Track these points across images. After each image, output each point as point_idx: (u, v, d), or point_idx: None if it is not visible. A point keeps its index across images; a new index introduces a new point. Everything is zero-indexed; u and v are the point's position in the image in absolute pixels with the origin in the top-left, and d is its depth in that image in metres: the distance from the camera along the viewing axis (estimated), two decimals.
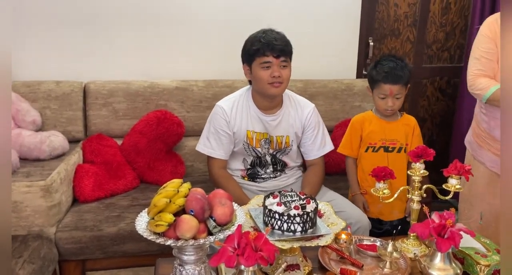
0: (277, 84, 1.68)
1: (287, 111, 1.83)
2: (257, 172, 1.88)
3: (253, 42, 1.67)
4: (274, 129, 1.81)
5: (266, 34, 1.68)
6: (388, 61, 1.77)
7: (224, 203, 1.24)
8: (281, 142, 1.84)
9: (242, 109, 1.79)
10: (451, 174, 1.42)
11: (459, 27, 2.85)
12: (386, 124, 1.86)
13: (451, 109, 2.99)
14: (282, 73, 1.67)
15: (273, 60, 1.65)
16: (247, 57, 1.71)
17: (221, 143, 1.78)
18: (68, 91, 2.25)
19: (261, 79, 1.67)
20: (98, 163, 2.16)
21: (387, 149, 1.85)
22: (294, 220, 1.25)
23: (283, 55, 1.66)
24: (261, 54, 1.65)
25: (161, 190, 1.26)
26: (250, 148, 1.82)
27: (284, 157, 1.88)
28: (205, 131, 1.84)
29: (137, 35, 2.43)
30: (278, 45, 1.65)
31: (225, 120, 1.77)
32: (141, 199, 2.05)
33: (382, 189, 1.44)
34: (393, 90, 1.75)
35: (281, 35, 1.70)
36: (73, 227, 1.80)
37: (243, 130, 1.78)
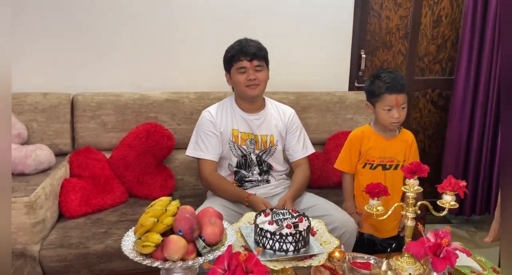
0: (253, 86, 1.80)
1: (270, 113, 1.93)
2: (244, 175, 1.91)
3: (229, 50, 1.83)
4: (258, 128, 1.89)
5: (240, 42, 1.82)
6: (386, 72, 1.75)
7: (213, 222, 1.20)
8: (266, 141, 1.90)
9: (227, 111, 1.90)
10: (446, 190, 1.39)
11: (451, 40, 2.86)
12: (385, 141, 1.82)
13: (443, 121, 2.98)
14: (258, 75, 1.79)
15: (247, 64, 1.78)
16: (226, 64, 1.86)
17: (210, 144, 1.85)
18: (55, 103, 2.20)
19: (239, 82, 1.80)
20: (85, 177, 2.11)
21: (385, 166, 1.83)
22: (286, 239, 1.22)
23: (256, 58, 1.79)
24: (237, 59, 1.78)
25: (148, 208, 1.22)
26: (235, 146, 1.88)
27: (269, 159, 1.93)
28: (193, 136, 1.91)
29: (127, 46, 2.39)
30: (250, 50, 1.78)
31: (211, 121, 1.86)
32: (129, 215, 2.00)
33: (376, 206, 1.41)
34: (399, 100, 1.72)
35: (255, 42, 1.83)
36: (58, 244, 1.74)
37: (229, 129, 1.87)
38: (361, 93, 2.58)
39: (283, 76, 2.40)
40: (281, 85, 2.43)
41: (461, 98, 2.72)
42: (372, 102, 1.80)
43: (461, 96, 2.72)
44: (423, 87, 2.91)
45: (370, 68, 2.83)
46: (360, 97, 2.51)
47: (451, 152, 2.81)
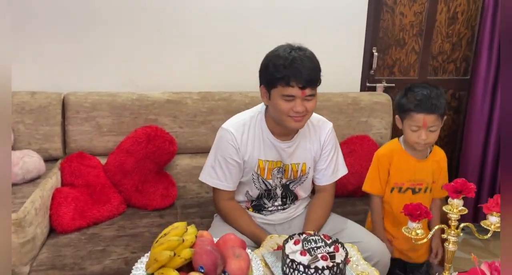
0: (299, 118, 1.43)
1: (304, 135, 1.59)
2: (263, 204, 1.65)
3: (277, 66, 1.38)
4: (290, 157, 1.58)
5: (293, 57, 1.38)
6: (421, 87, 1.56)
7: (239, 255, 1.03)
8: (297, 170, 1.61)
9: (254, 134, 1.54)
10: (492, 211, 1.24)
11: (466, 38, 2.71)
12: (416, 163, 1.65)
13: (456, 123, 2.85)
14: (307, 106, 1.42)
15: (298, 93, 1.38)
16: (264, 80, 1.45)
17: (229, 173, 1.54)
18: (44, 104, 1.99)
19: (281, 111, 1.42)
20: (79, 186, 1.91)
21: (415, 190, 1.67)
22: (323, 273, 1.05)
23: (310, 86, 1.39)
24: (285, 84, 1.37)
25: (161, 238, 1.04)
26: (260, 179, 1.58)
27: (297, 188, 1.66)
28: (211, 159, 1.58)
29: (124, 41, 2.18)
30: (305, 74, 1.37)
31: (234, 147, 1.52)
32: (128, 228, 1.82)
33: (415, 229, 1.25)
34: (427, 121, 1.52)
35: (310, 60, 1.41)
36: (49, 265, 1.55)
37: (254, 158, 1.54)
38: (375, 94, 2.43)
39: None
40: None
41: (480, 100, 2.58)
42: (401, 117, 1.62)
43: (480, 98, 2.58)
44: None
45: (382, 67, 2.67)
46: (375, 99, 2.35)
47: (468, 157, 2.68)
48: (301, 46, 1.45)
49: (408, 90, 1.60)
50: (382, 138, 2.35)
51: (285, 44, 1.45)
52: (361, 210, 2.06)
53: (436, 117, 1.54)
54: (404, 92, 1.61)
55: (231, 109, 2.15)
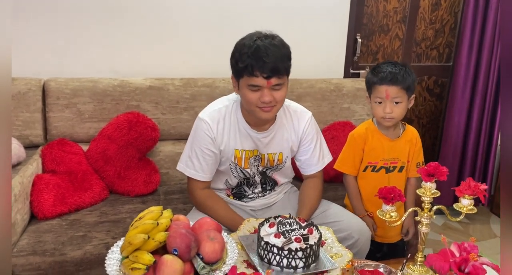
0: (267, 108, 1.40)
1: (282, 125, 1.58)
2: (243, 192, 1.66)
3: (241, 56, 1.35)
4: (266, 147, 1.57)
5: (257, 46, 1.33)
6: (388, 64, 1.59)
7: (213, 238, 1.04)
8: (273, 159, 1.61)
9: (230, 124, 1.52)
10: (464, 194, 1.27)
11: (449, 25, 2.73)
12: (389, 142, 1.68)
13: (439, 109, 2.88)
14: (275, 96, 1.38)
15: (263, 83, 1.35)
16: (234, 70, 1.41)
17: (205, 163, 1.53)
18: (24, 90, 1.97)
19: (249, 101, 1.39)
20: (60, 172, 1.90)
21: (389, 169, 1.69)
22: (296, 255, 1.07)
23: (275, 75, 1.34)
24: (249, 73, 1.34)
25: (136, 222, 1.05)
26: (237, 168, 1.58)
27: (275, 174, 1.67)
28: (187, 149, 1.57)
29: (106, 27, 2.15)
30: (270, 63, 1.31)
31: (210, 137, 1.51)
32: (110, 214, 1.82)
33: (389, 212, 1.27)
34: (389, 93, 1.55)
35: (276, 46, 1.35)
36: (30, 251, 1.55)
37: (231, 148, 1.54)
38: (358, 80, 2.44)
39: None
40: None
41: (461, 87, 2.61)
42: (368, 93, 1.66)
43: (461, 85, 2.61)
44: (419, 74, 2.78)
45: (366, 54, 2.67)
46: (357, 85, 2.36)
47: (449, 142, 2.72)
48: (270, 33, 1.40)
49: (375, 67, 1.63)
50: None
51: (254, 31, 1.42)
52: (343, 195, 2.07)
53: (399, 89, 1.56)
54: (372, 69, 1.64)
55: (214, 95, 2.14)
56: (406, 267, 1.37)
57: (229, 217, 1.49)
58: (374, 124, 1.72)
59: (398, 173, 1.71)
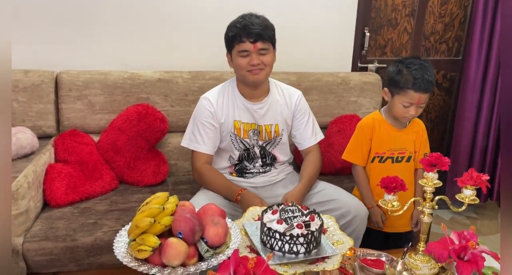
0: (256, 70, 1.59)
1: (275, 99, 1.74)
2: (245, 167, 1.77)
3: (230, 28, 1.60)
4: (262, 118, 1.71)
5: (243, 19, 1.58)
6: (417, 64, 1.57)
7: (217, 222, 1.08)
8: (270, 131, 1.74)
9: (228, 99, 1.70)
10: (466, 185, 1.29)
11: (458, 18, 2.72)
12: (396, 132, 1.70)
13: (447, 104, 2.87)
14: (262, 59, 1.58)
15: (250, 47, 1.56)
16: (227, 44, 1.64)
17: (207, 137, 1.68)
18: (37, 82, 2.02)
19: (240, 67, 1.60)
20: (72, 162, 1.95)
21: (396, 159, 1.71)
22: (297, 241, 1.10)
23: (260, 39, 1.56)
24: (238, 40, 1.56)
25: (143, 206, 1.09)
26: (237, 139, 1.71)
27: (274, 150, 1.78)
28: (190, 126, 1.73)
29: (116, 21, 2.20)
30: (255, 29, 1.54)
31: (210, 111, 1.67)
32: (120, 203, 1.87)
33: (391, 201, 1.30)
34: (421, 99, 1.57)
35: (260, 19, 1.59)
36: (43, 237, 1.60)
37: (230, 120, 1.69)
38: (365, 74, 2.45)
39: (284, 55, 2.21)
40: (281, 65, 2.25)
41: (472, 81, 2.60)
42: (392, 91, 1.64)
43: (472, 79, 2.60)
44: None
45: (374, 48, 2.68)
46: (365, 79, 2.37)
47: (460, 138, 2.71)
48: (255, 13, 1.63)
49: (401, 65, 1.60)
50: None
51: None
52: (348, 187, 2.07)
53: (428, 94, 1.60)
54: (400, 68, 1.60)
55: None
56: (408, 256, 1.39)
57: (226, 185, 1.65)
58: (381, 114, 1.73)
59: (406, 163, 1.72)
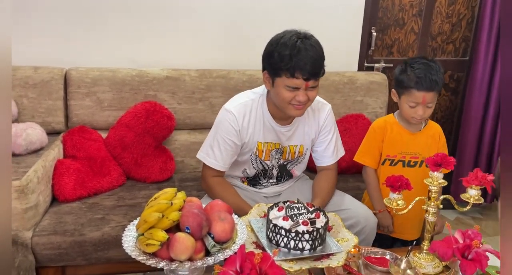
0: (300, 106, 1.45)
1: (304, 119, 1.62)
2: (258, 181, 1.72)
3: (282, 57, 1.38)
4: (288, 140, 1.62)
5: (299, 48, 1.36)
6: (421, 64, 1.56)
7: (223, 218, 1.09)
8: (294, 151, 1.66)
9: (255, 117, 1.56)
10: (471, 185, 1.30)
11: (466, 19, 2.71)
12: (409, 135, 1.69)
13: (454, 104, 2.87)
14: (309, 95, 1.44)
15: (301, 85, 1.40)
16: (270, 68, 1.44)
17: (226, 154, 1.56)
18: (47, 78, 2.05)
19: (283, 99, 1.44)
20: (80, 158, 1.98)
21: (408, 163, 1.70)
22: (303, 237, 1.12)
23: (313, 78, 1.41)
24: (289, 75, 1.38)
25: (152, 202, 1.11)
26: (257, 160, 1.64)
27: (294, 168, 1.72)
28: (210, 138, 1.60)
29: (125, 19, 2.22)
30: (309, 66, 1.37)
31: (235, 129, 1.54)
32: (127, 199, 1.89)
33: (396, 200, 1.31)
34: (426, 98, 1.55)
35: (316, 50, 1.40)
36: (51, 231, 1.63)
37: (254, 141, 1.59)
38: (372, 74, 2.46)
39: None
40: None
41: (479, 81, 2.61)
42: (398, 92, 1.64)
43: (479, 79, 2.60)
44: None
45: (380, 47, 2.68)
46: (371, 78, 2.38)
47: (467, 138, 2.72)
48: (307, 33, 1.45)
49: (407, 66, 1.60)
50: (377, 117, 2.38)
51: (291, 30, 1.45)
52: (353, 187, 2.11)
53: (435, 94, 1.58)
54: (404, 68, 1.60)
55: (228, 86, 2.20)
56: (412, 255, 1.40)
57: (237, 203, 1.51)
58: (394, 117, 1.73)
59: (419, 168, 1.69)
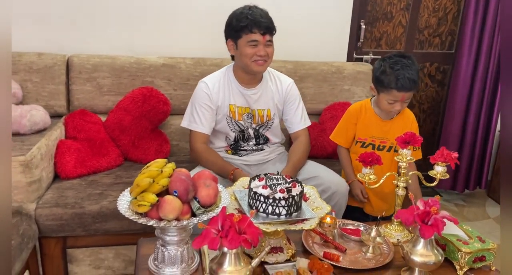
0: (261, 62, 1.72)
1: (267, 85, 1.87)
2: (239, 146, 1.92)
3: (240, 19, 1.69)
4: (255, 103, 1.85)
5: (252, 10, 1.70)
6: (400, 64, 1.65)
7: (208, 185, 1.22)
8: (263, 115, 1.88)
9: (224, 83, 1.83)
10: (438, 162, 1.42)
11: (452, 13, 2.83)
12: (380, 121, 1.81)
13: (440, 96, 2.99)
14: (268, 51, 1.72)
15: (260, 38, 1.69)
16: (232, 33, 1.73)
17: (204, 118, 1.81)
18: (50, 64, 2.17)
19: (246, 56, 1.71)
20: (81, 139, 2.10)
21: (378, 147, 1.82)
22: (279, 203, 1.24)
23: (268, 32, 1.70)
24: (248, 31, 1.68)
25: (144, 169, 1.23)
26: (233, 121, 1.86)
27: (267, 132, 1.92)
28: (189, 107, 1.87)
29: (125, 9, 2.34)
30: (264, 22, 1.68)
31: (207, 94, 1.81)
32: (124, 177, 2.02)
33: (368, 175, 1.43)
34: (405, 97, 1.68)
35: (265, 12, 1.73)
36: (53, 203, 1.76)
37: (226, 104, 1.83)
38: (359, 64, 2.57)
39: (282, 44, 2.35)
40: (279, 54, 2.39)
41: (463, 74, 2.72)
42: (377, 88, 1.74)
43: (463, 72, 2.72)
44: (421, 61, 2.89)
45: (369, 40, 2.80)
46: (358, 69, 2.50)
47: (450, 129, 2.84)
48: (256, 5, 1.77)
49: (385, 65, 1.68)
50: None
51: None
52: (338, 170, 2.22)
53: (412, 92, 1.69)
54: (384, 67, 1.68)
55: None
56: (384, 226, 1.53)
57: (221, 165, 1.78)
58: (370, 103, 1.85)
59: (387, 152, 1.82)
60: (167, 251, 1.21)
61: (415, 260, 1.22)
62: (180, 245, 1.22)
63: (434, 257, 1.21)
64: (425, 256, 1.21)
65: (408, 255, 1.23)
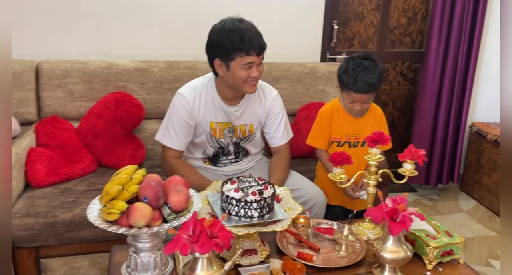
0: (254, 82, 1.64)
1: (250, 100, 1.79)
2: (218, 159, 1.87)
3: (234, 39, 1.54)
4: (237, 119, 1.78)
5: (246, 32, 1.55)
6: (361, 67, 1.67)
7: (179, 190, 1.21)
8: (245, 130, 1.82)
9: (205, 99, 1.72)
10: (406, 159, 1.45)
11: (421, 12, 2.89)
12: (352, 119, 1.83)
13: (412, 93, 3.05)
14: (260, 70, 1.64)
15: (256, 59, 1.59)
16: (223, 53, 1.58)
17: (180, 133, 1.71)
18: (19, 70, 2.13)
19: (240, 78, 1.61)
20: (52, 146, 2.07)
21: (354, 144, 1.85)
22: (251, 206, 1.25)
23: (263, 51, 1.61)
24: (245, 53, 1.55)
25: (114, 177, 1.22)
26: (213, 139, 1.79)
27: (247, 145, 1.87)
28: (165, 120, 1.76)
29: (95, 12, 2.31)
30: (260, 41, 1.58)
31: (186, 110, 1.70)
32: (98, 184, 1.99)
33: (339, 174, 1.45)
34: (362, 98, 1.70)
35: (256, 29, 1.61)
36: (24, 213, 1.72)
37: (206, 120, 1.74)
38: (332, 64, 2.60)
39: None
40: None
41: (432, 72, 2.79)
42: (340, 86, 1.78)
43: (432, 70, 2.78)
44: (393, 59, 2.95)
45: (342, 40, 2.83)
46: (331, 69, 2.52)
47: (420, 125, 2.90)
48: (242, 17, 1.64)
49: (348, 65, 1.70)
50: None
51: (226, 18, 1.63)
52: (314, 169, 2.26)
53: (371, 94, 1.72)
54: (346, 68, 1.71)
55: (196, 77, 2.22)
56: (357, 225, 1.55)
57: (199, 181, 1.66)
58: (340, 103, 1.88)
59: (361, 148, 1.86)
60: (139, 258, 1.21)
61: (385, 256, 1.24)
62: (153, 252, 1.21)
63: (403, 252, 1.24)
64: (394, 252, 1.24)
65: (379, 252, 1.26)
